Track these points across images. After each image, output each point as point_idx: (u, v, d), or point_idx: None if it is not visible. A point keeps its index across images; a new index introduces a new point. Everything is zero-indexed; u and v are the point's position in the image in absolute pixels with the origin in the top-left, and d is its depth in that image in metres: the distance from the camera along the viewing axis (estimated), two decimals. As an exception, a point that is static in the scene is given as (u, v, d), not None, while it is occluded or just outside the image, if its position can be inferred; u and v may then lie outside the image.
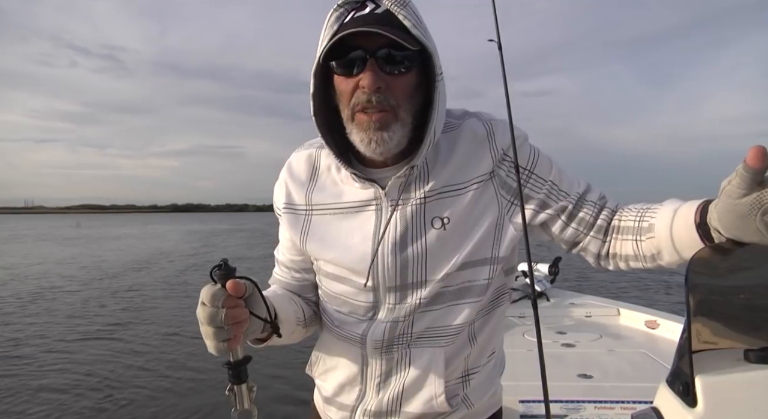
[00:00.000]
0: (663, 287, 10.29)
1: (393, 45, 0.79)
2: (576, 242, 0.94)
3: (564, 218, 0.92)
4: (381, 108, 0.81)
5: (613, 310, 3.53)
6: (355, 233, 0.90)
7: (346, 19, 0.80)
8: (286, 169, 1.00)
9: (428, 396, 0.91)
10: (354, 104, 0.82)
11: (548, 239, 0.96)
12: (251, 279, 0.79)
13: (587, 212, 0.91)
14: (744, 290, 0.68)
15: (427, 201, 0.88)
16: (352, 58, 0.80)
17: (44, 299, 10.00)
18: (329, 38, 0.80)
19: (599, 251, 0.92)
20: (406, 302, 0.89)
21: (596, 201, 0.92)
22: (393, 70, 0.81)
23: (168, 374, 5.40)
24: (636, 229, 0.87)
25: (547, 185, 0.92)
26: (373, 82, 0.79)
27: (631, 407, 1.95)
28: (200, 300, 0.73)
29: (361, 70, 0.80)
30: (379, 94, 0.80)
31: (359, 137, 0.83)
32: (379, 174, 0.90)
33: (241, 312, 0.75)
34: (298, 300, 1.01)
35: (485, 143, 0.90)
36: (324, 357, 1.03)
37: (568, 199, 0.92)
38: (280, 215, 1.00)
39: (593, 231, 0.91)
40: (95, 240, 30.21)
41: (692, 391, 0.58)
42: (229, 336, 0.73)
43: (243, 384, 0.77)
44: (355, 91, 0.82)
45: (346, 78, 0.82)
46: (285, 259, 1.03)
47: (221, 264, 0.74)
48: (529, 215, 0.92)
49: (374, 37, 0.78)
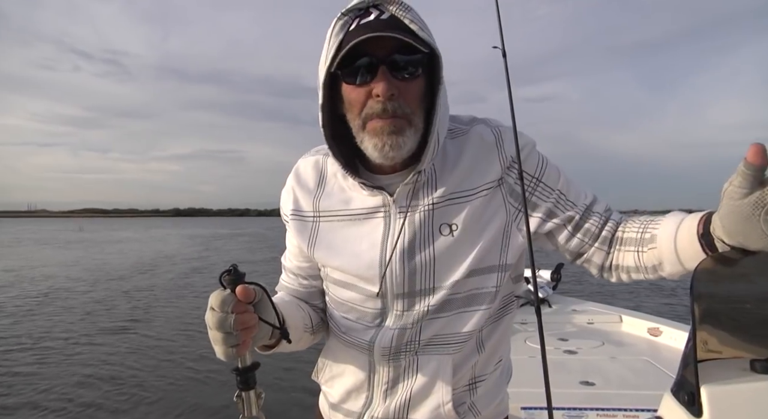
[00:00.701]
0: (666, 295, 10.26)
1: (401, 50, 0.78)
2: (581, 253, 0.93)
3: (570, 228, 0.92)
4: (394, 116, 0.80)
5: (616, 317, 3.52)
6: (363, 240, 0.89)
7: (351, 27, 0.79)
8: (294, 175, 0.99)
9: (436, 403, 0.90)
10: (367, 114, 0.81)
11: (552, 249, 0.96)
12: (260, 285, 0.78)
13: (593, 223, 0.91)
14: (750, 300, 0.68)
15: (436, 208, 0.87)
16: (362, 65, 0.79)
17: (60, 298, 10.44)
18: (336, 47, 0.79)
19: (603, 262, 0.92)
20: (414, 310, 0.88)
21: (602, 213, 0.92)
22: (404, 76, 0.80)
23: (189, 366, 5.56)
24: (638, 240, 0.86)
25: (555, 194, 0.92)
26: (386, 90, 0.78)
27: (633, 415, 1.94)
28: (209, 305, 0.72)
29: (372, 78, 0.79)
30: (393, 101, 0.79)
31: (372, 143, 0.82)
32: (387, 181, 0.90)
33: (250, 318, 0.74)
34: (305, 307, 1.00)
35: (494, 149, 0.90)
36: (331, 364, 1.02)
37: (575, 209, 0.91)
38: (287, 221, 0.99)
39: (598, 242, 0.91)
40: (98, 244, 30.26)
41: (697, 401, 0.58)
42: (239, 342, 0.72)
43: (251, 390, 0.76)
44: (367, 100, 0.80)
45: (356, 87, 0.81)
46: (292, 266, 1.02)
47: (230, 269, 0.73)
48: (536, 224, 0.92)
49: (383, 43, 0.77)
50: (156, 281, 13.02)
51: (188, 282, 12.87)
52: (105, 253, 22.88)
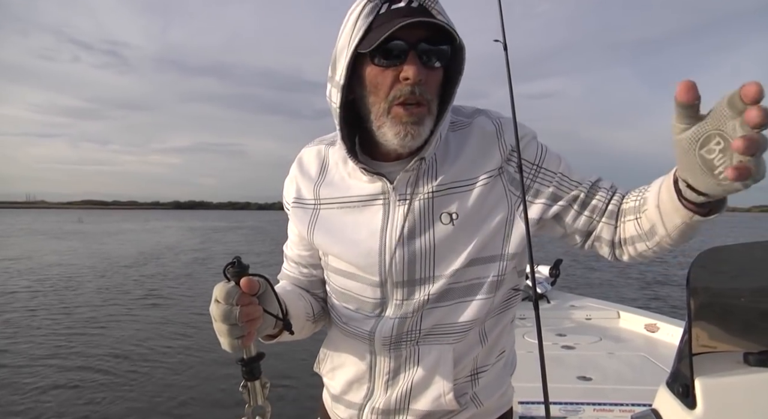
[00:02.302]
0: (663, 291, 10.28)
1: (430, 39, 0.79)
2: (590, 231, 0.92)
3: (576, 206, 0.91)
4: (420, 101, 0.81)
5: (613, 313, 3.53)
6: (363, 228, 0.90)
7: (381, 10, 0.80)
8: (297, 164, 1.00)
9: (437, 393, 0.91)
10: (395, 97, 0.81)
11: (561, 233, 0.95)
12: (264, 276, 0.79)
13: (600, 198, 0.90)
14: (744, 294, 0.68)
15: (436, 196, 0.88)
16: (393, 48, 0.79)
17: (76, 283, 11.16)
18: (365, 29, 0.79)
19: (612, 238, 0.90)
20: (414, 298, 0.89)
21: (608, 189, 0.92)
22: (432, 64, 0.81)
23: (197, 356, 5.65)
24: (636, 207, 0.86)
25: (557, 177, 0.92)
26: (417, 74, 0.79)
27: (630, 410, 1.96)
28: (214, 298, 0.73)
29: (401, 62, 0.80)
30: (420, 86, 0.80)
31: (394, 130, 0.82)
32: (387, 168, 0.90)
33: (255, 309, 0.75)
34: (306, 296, 1.01)
35: (494, 139, 0.91)
36: (332, 355, 1.02)
37: (580, 188, 0.91)
38: (288, 209, 1.00)
39: (605, 217, 0.90)
40: (99, 235, 30.36)
41: (692, 393, 0.59)
42: (244, 333, 0.73)
43: (257, 380, 0.76)
44: (394, 83, 0.81)
45: (384, 70, 0.81)
46: (293, 254, 1.03)
47: (234, 262, 0.74)
48: (541, 210, 0.91)
49: (412, 30, 0.77)
50: (165, 269, 13.39)
51: (191, 271, 13.13)
52: (105, 244, 22.93)
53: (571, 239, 0.95)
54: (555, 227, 0.95)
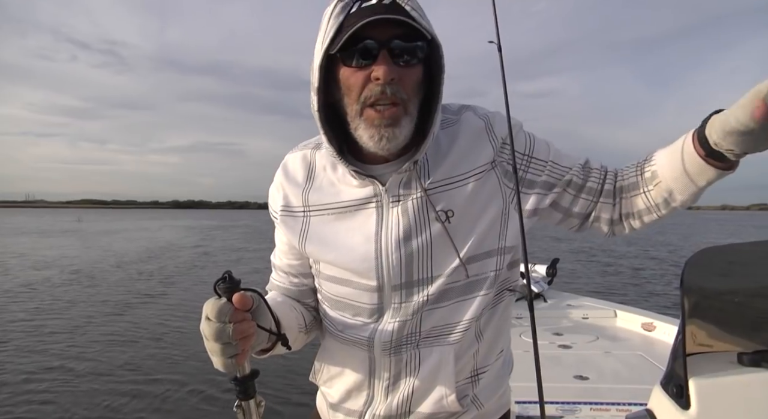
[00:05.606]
0: (660, 290, 10.29)
1: (402, 37, 0.77)
2: (588, 212, 0.94)
3: (572, 190, 0.92)
4: (393, 101, 0.79)
5: (610, 312, 3.53)
6: (356, 233, 0.88)
7: (352, 10, 0.78)
8: (282, 171, 0.97)
9: (439, 395, 0.89)
10: (366, 98, 0.79)
11: (559, 218, 0.95)
12: (257, 291, 0.76)
13: (593, 180, 0.92)
14: (738, 294, 0.68)
15: (429, 195, 0.86)
16: (363, 48, 0.77)
17: (87, 277, 11.63)
18: (336, 29, 0.77)
19: (611, 215, 0.92)
20: (413, 300, 0.87)
21: (599, 169, 0.94)
22: (405, 62, 0.79)
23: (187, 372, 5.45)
24: (640, 182, 0.88)
25: (548, 165, 0.92)
26: (387, 73, 0.76)
27: (627, 409, 1.96)
28: (204, 315, 0.70)
29: (372, 62, 0.77)
30: (392, 86, 0.78)
31: (368, 134, 0.81)
32: (378, 171, 0.88)
33: (248, 326, 0.72)
34: (298, 306, 0.98)
35: (484, 133, 0.90)
36: (328, 364, 0.99)
37: (571, 172, 0.92)
38: (276, 218, 0.97)
39: (602, 197, 0.92)
40: (103, 234, 30.31)
41: (686, 393, 0.59)
42: (237, 352, 0.70)
43: (251, 399, 0.74)
44: (366, 84, 0.79)
45: (355, 70, 0.79)
46: (282, 264, 1.00)
47: (225, 277, 0.70)
48: (537, 199, 0.91)
49: (384, 28, 0.76)
50: (170, 265, 13.64)
51: (192, 270, 13.24)
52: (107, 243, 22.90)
53: (568, 222, 0.96)
54: (552, 214, 0.95)
